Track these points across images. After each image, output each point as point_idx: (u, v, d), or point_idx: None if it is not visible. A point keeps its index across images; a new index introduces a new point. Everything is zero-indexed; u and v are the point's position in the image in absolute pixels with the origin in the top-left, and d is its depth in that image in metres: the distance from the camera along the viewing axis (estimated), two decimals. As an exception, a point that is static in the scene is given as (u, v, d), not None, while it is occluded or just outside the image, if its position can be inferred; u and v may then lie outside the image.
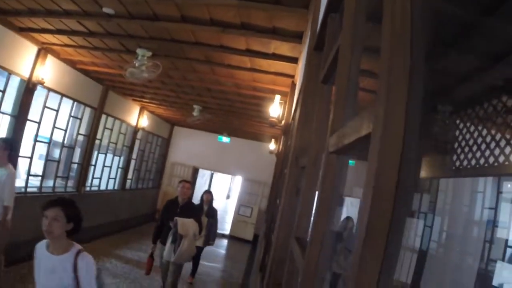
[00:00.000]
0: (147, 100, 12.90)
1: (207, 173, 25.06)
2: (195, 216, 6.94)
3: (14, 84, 7.92)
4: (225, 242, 16.47)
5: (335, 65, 1.96)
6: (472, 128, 1.35)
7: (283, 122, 7.70)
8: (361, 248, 0.93)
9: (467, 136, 1.34)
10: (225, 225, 19.45)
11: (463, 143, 1.35)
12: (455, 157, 1.36)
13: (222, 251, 14.95)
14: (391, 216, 0.90)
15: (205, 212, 9.28)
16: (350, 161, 1.95)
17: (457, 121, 1.42)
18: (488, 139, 1.31)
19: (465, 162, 1.30)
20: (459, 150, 1.35)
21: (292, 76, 6.63)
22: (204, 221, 8.55)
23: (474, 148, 1.30)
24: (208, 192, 10.03)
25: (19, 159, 8.33)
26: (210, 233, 9.33)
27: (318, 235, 1.69)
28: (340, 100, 1.78)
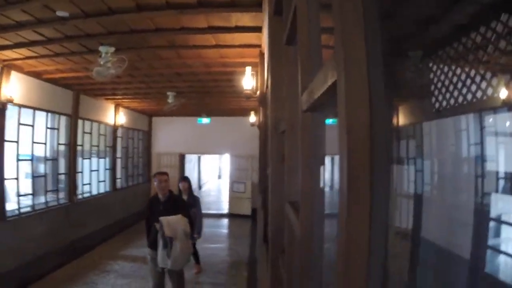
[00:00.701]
0: (120, 97, 12.79)
1: (194, 157, 25.06)
2: (181, 211, 6.11)
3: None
4: (225, 221, 16.62)
5: (295, 25, 1.95)
6: (446, 69, 1.35)
7: (258, 92, 7.68)
8: (347, 195, 0.93)
9: (442, 77, 1.35)
10: (222, 205, 19.59)
11: (439, 85, 1.35)
12: (433, 100, 1.36)
13: (224, 231, 15.10)
14: (370, 156, 0.90)
15: None
16: (332, 120, 1.94)
17: (430, 64, 1.42)
18: (463, 77, 1.32)
19: (444, 103, 1.31)
20: (436, 92, 1.35)
21: (259, 46, 6.58)
22: None
23: (451, 88, 1.31)
24: (184, 180, 8.73)
25: (6, 181, 8.24)
26: (194, 226, 7.21)
27: (308, 195, 1.70)
28: (305, 57, 1.77)
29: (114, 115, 14.28)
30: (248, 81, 7.52)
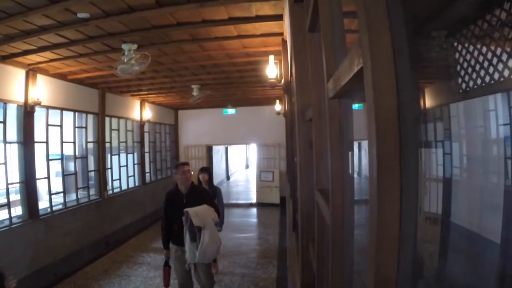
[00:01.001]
0: (145, 92, 12.90)
1: (221, 148, 25.17)
2: (206, 201, 5.85)
3: (12, 112, 7.96)
4: (254, 210, 16.70)
5: (317, 11, 1.94)
6: (471, 48, 1.33)
7: (282, 81, 7.65)
8: (377, 181, 0.93)
9: (468, 56, 1.32)
10: (251, 194, 19.62)
11: (465, 65, 1.33)
12: (460, 80, 1.34)
13: (253, 220, 15.18)
14: (399, 139, 0.90)
15: None
16: (358, 105, 1.93)
17: (455, 44, 1.39)
18: (490, 55, 1.29)
19: (471, 83, 1.28)
20: (462, 73, 1.33)
21: (281, 34, 6.55)
22: None
23: (477, 67, 1.28)
24: (203, 171, 8.27)
25: (38, 181, 8.43)
26: (220, 216, 6.81)
27: (338, 182, 1.70)
28: (329, 44, 1.76)
29: (140, 111, 14.41)
30: (272, 70, 7.50)
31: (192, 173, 6.11)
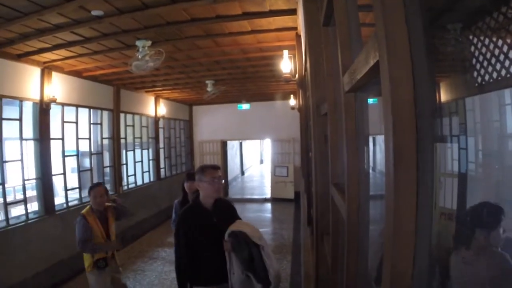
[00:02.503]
0: (160, 88, 12.95)
1: (236, 143, 25.20)
2: (237, 216, 4.51)
3: (28, 110, 8.05)
4: (268, 205, 16.71)
5: (332, 5, 1.93)
6: (487, 41, 1.31)
7: (297, 75, 7.64)
8: (393, 175, 0.93)
9: (484, 50, 1.31)
10: (265, 189, 19.63)
11: (481, 58, 1.31)
12: (475, 74, 1.32)
13: (268, 215, 15.20)
14: (416, 133, 0.90)
15: None
16: (373, 99, 1.92)
17: (470, 37, 1.38)
18: (505, 49, 1.27)
19: (486, 77, 1.27)
20: (478, 66, 1.31)
21: (295, 28, 6.53)
22: None
23: (493, 61, 1.27)
24: (191, 178, 5.75)
25: (54, 177, 8.53)
26: None
27: (353, 177, 1.69)
28: (344, 38, 1.76)
29: (155, 107, 14.47)
30: (286, 65, 7.49)
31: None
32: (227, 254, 4.09)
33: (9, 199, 8.24)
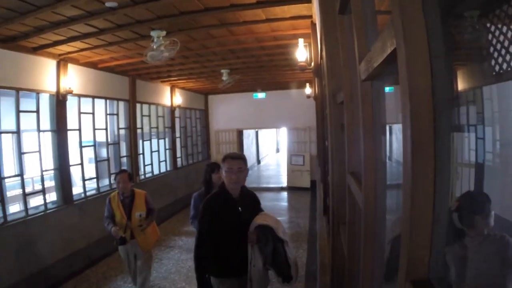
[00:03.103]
0: (175, 78, 12.99)
1: (252, 132, 25.21)
2: (260, 209, 4.50)
3: (45, 102, 8.13)
4: (284, 194, 16.74)
5: (347, -7, 1.92)
6: (504, 29, 1.29)
7: (312, 64, 7.60)
8: (411, 163, 0.92)
9: (501, 38, 1.28)
10: (281, 178, 19.65)
11: (498, 46, 1.29)
12: (493, 62, 1.30)
13: (284, 204, 15.26)
14: (433, 121, 0.89)
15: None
16: (389, 88, 1.91)
17: (488, 24, 1.35)
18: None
19: (504, 65, 1.24)
20: (496, 54, 1.29)
21: (310, 16, 6.48)
22: None
23: (511, 49, 1.24)
24: (215, 167, 5.55)
25: (71, 167, 8.64)
26: None
27: (370, 166, 1.69)
28: (360, 26, 1.75)
29: (170, 97, 14.52)
30: (302, 53, 7.46)
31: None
32: (250, 246, 4.01)
33: (28, 189, 8.36)
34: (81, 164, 9.05)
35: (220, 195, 4.13)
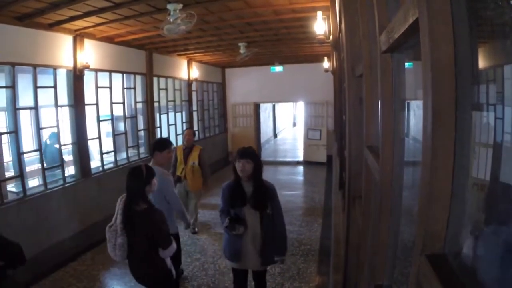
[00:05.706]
0: (192, 51, 12.94)
1: (269, 106, 25.18)
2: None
3: (62, 77, 8.16)
4: (300, 168, 16.79)
5: (367, -37, 1.88)
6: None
7: (331, 37, 7.51)
8: (431, 134, 0.91)
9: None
10: (297, 152, 19.66)
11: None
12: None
13: (300, 178, 15.33)
14: (455, 92, 0.87)
15: None
16: (408, 64, 1.87)
17: (511, 1, 1.31)
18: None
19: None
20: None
21: (329, -12, 6.39)
22: None
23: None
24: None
25: (89, 141, 8.77)
26: None
27: (388, 139, 1.67)
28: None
29: (187, 70, 14.48)
30: (320, 26, 7.37)
31: None
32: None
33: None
34: (99, 138, 9.13)
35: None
